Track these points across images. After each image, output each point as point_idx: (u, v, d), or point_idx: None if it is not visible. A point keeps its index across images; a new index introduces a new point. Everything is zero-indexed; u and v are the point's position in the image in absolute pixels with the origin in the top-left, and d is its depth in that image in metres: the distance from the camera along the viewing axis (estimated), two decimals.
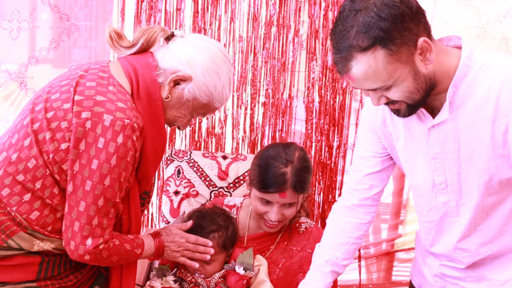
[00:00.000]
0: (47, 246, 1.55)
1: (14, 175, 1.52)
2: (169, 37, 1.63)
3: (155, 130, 1.61)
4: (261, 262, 1.91)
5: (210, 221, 1.88)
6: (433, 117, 1.46)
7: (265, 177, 1.84)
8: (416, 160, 1.55)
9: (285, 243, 1.97)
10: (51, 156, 1.50)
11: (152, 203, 2.87)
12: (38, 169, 1.51)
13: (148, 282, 1.88)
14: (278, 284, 1.92)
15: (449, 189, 1.51)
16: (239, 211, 2.11)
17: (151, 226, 2.87)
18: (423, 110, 1.46)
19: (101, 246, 1.52)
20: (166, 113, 1.63)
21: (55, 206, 1.54)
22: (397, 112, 1.45)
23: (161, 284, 1.84)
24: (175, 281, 1.86)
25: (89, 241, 1.51)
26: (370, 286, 3.07)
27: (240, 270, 1.83)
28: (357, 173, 1.71)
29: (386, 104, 1.43)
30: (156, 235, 1.75)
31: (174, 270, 1.90)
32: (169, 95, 1.60)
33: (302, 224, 2.00)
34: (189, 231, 1.87)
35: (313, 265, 1.70)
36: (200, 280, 1.85)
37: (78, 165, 1.48)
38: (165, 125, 1.67)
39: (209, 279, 1.85)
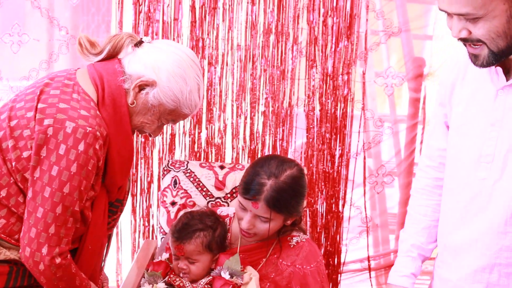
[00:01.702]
0: (13, 255, 1.54)
1: None
2: (137, 44, 1.62)
3: (121, 137, 1.59)
4: (253, 274, 1.87)
5: (198, 220, 1.89)
6: (507, 80, 1.40)
7: (246, 181, 1.82)
8: (472, 126, 1.50)
9: (276, 256, 1.92)
10: (13, 164, 1.50)
11: (152, 215, 2.85)
12: (2, 177, 1.51)
13: None
14: None
15: (493, 165, 1.45)
16: (232, 222, 2.07)
17: (152, 238, 2.85)
18: (498, 69, 1.40)
19: (57, 260, 1.50)
20: (133, 119, 1.62)
21: (21, 214, 1.53)
22: (475, 58, 1.37)
23: None
24: None
25: (44, 249, 1.48)
26: None
27: (226, 275, 1.80)
28: (428, 149, 1.71)
29: (465, 42, 1.35)
30: None
31: (166, 278, 1.87)
32: (135, 101, 1.59)
33: (293, 238, 1.94)
34: (176, 229, 1.86)
35: (400, 251, 1.70)
36: (187, 285, 1.82)
37: (39, 171, 1.47)
38: (133, 133, 1.66)
39: (196, 285, 1.82)
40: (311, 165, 2.78)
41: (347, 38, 2.69)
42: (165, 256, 1.98)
